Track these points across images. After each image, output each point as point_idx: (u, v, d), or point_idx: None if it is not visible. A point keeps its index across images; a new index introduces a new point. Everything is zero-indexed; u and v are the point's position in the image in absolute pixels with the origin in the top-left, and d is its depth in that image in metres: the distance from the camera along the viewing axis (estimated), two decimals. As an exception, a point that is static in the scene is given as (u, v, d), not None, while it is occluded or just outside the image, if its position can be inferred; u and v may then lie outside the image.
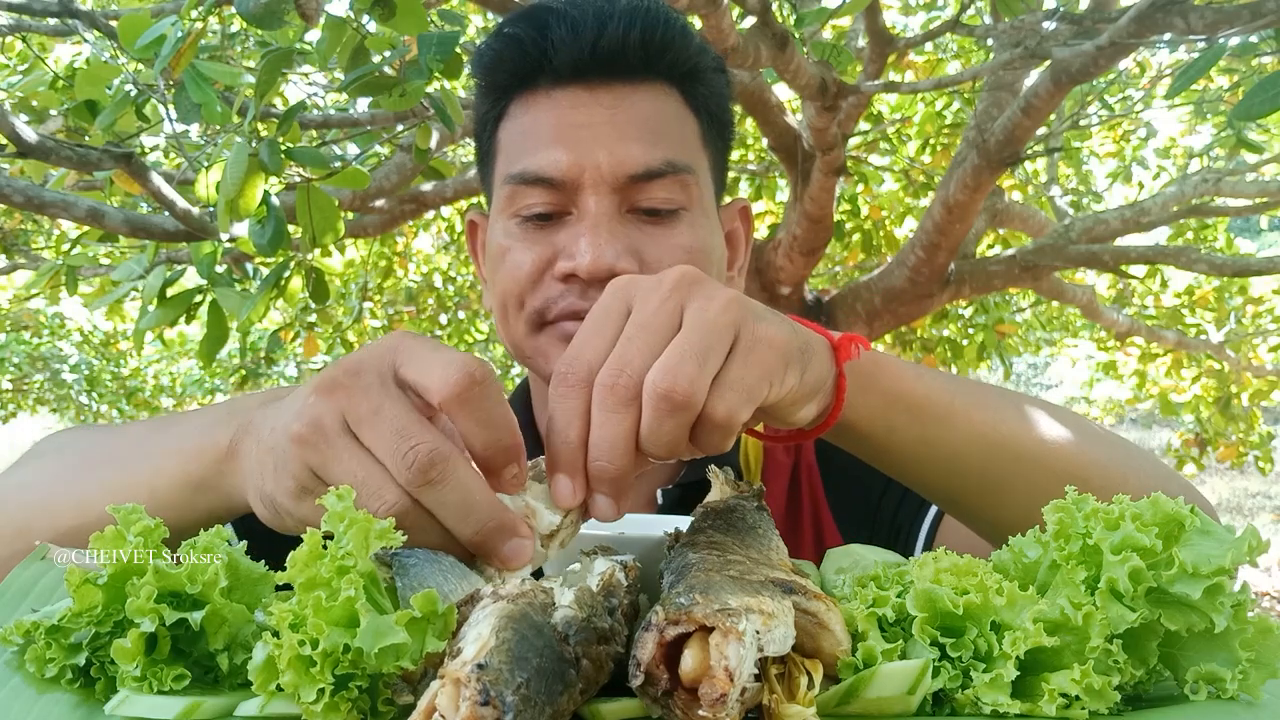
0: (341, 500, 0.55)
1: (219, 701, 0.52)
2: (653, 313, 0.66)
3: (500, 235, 1.04)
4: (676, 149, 1.02)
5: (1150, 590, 0.53)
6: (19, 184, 2.39)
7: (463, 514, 0.60)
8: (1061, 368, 14.82)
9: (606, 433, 0.63)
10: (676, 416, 0.63)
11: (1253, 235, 15.53)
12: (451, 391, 0.60)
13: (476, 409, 0.61)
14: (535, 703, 0.44)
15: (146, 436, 0.85)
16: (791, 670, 0.51)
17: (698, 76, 1.06)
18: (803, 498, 1.16)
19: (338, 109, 3.96)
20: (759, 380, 0.66)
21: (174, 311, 2.36)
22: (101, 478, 0.83)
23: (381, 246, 6.09)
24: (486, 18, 5.11)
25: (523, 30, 1.02)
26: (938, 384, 0.84)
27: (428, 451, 0.59)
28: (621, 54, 1.00)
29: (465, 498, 0.60)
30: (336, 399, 0.62)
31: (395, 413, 0.60)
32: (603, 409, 0.63)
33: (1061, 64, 2.77)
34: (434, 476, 0.59)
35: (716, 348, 0.65)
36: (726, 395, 0.64)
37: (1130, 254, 4.25)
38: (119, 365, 9.12)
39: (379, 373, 0.63)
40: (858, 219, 5.24)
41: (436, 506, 0.60)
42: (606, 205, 0.98)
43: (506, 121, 1.06)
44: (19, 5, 2.54)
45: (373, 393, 0.61)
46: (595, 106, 1.00)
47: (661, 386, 0.62)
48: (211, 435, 0.75)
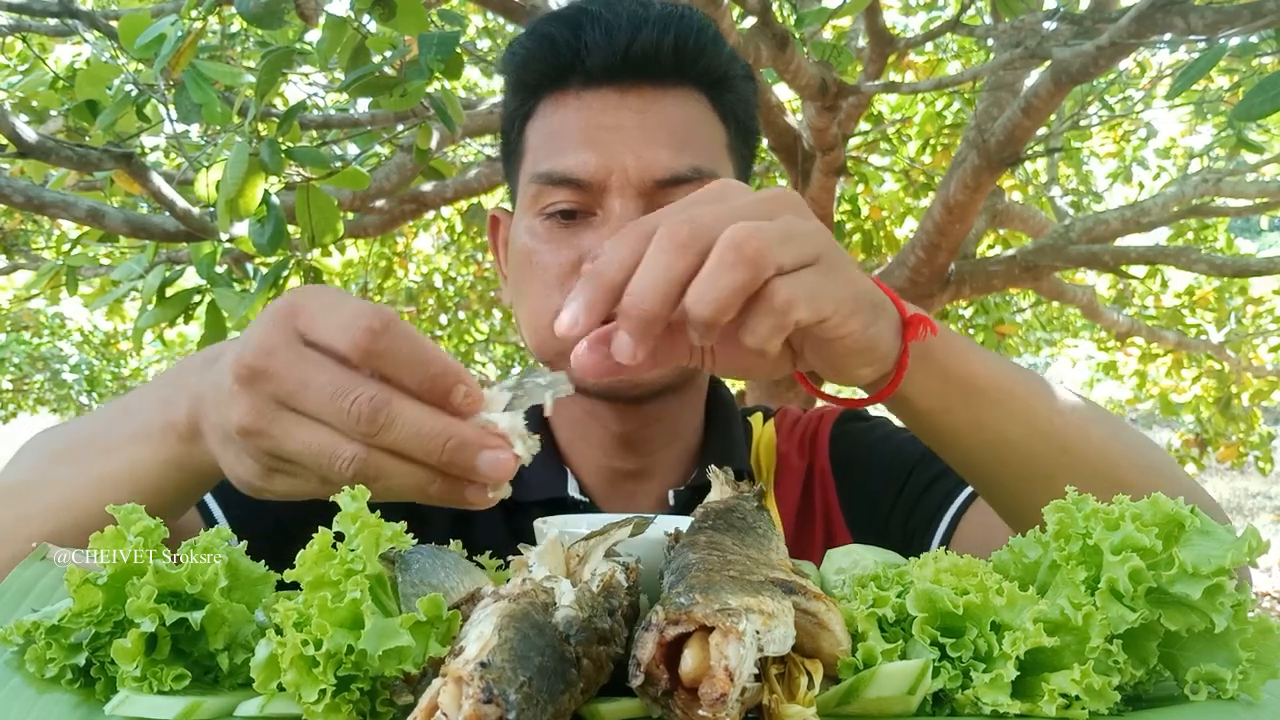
0: (355, 500, 0.55)
1: (219, 701, 0.52)
2: (745, 204, 0.64)
3: (525, 234, 1.04)
4: (703, 155, 1.02)
5: (1150, 590, 0.53)
6: (19, 184, 2.39)
7: (421, 444, 0.60)
8: (1062, 368, 14.82)
9: (653, 267, 0.60)
10: (738, 271, 0.60)
11: (1253, 235, 15.54)
12: (360, 349, 0.60)
13: (391, 356, 0.60)
14: (538, 701, 0.44)
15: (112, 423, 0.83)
16: (791, 670, 0.51)
17: (727, 84, 1.06)
18: (815, 502, 1.16)
19: (338, 109, 3.96)
20: (825, 297, 0.64)
21: (172, 311, 2.37)
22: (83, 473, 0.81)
23: (381, 246, 6.10)
24: (486, 18, 5.11)
25: (557, 30, 1.02)
26: (998, 369, 0.83)
27: (367, 401, 0.59)
28: (654, 58, 1.00)
29: (418, 429, 0.60)
30: (260, 386, 0.62)
31: (322, 378, 0.60)
32: (657, 248, 0.61)
33: (1061, 64, 2.76)
34: (382, 420, 0.59)
35: (798, 245, 0.63)
36: (791, 285, 0.62)
37: (1130, 254, 4.25)
38: (119, 365, 9.13)
39: (288, 344, 0.62)
40: (858, 219, 5.24)
41: (396, 446, 0.60)
42: (632, 208, 0.98)
43: (535, 120, 1.06)
44: (19, 5, 2.54)
45: (293, 367, 0.61)
46: (625, 110, 1.01)
47: (736, 238, 0.60)
48: (166, 414, 0.74)
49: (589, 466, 1.13)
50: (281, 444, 0.62)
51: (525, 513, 0.93)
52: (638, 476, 1.13)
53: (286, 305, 0.63)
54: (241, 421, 0.62)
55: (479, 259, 6.62)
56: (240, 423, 0.62)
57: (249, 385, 0.62)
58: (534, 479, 1.10)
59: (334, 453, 0.60)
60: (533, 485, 1.09)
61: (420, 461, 0.60)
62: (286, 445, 0.61)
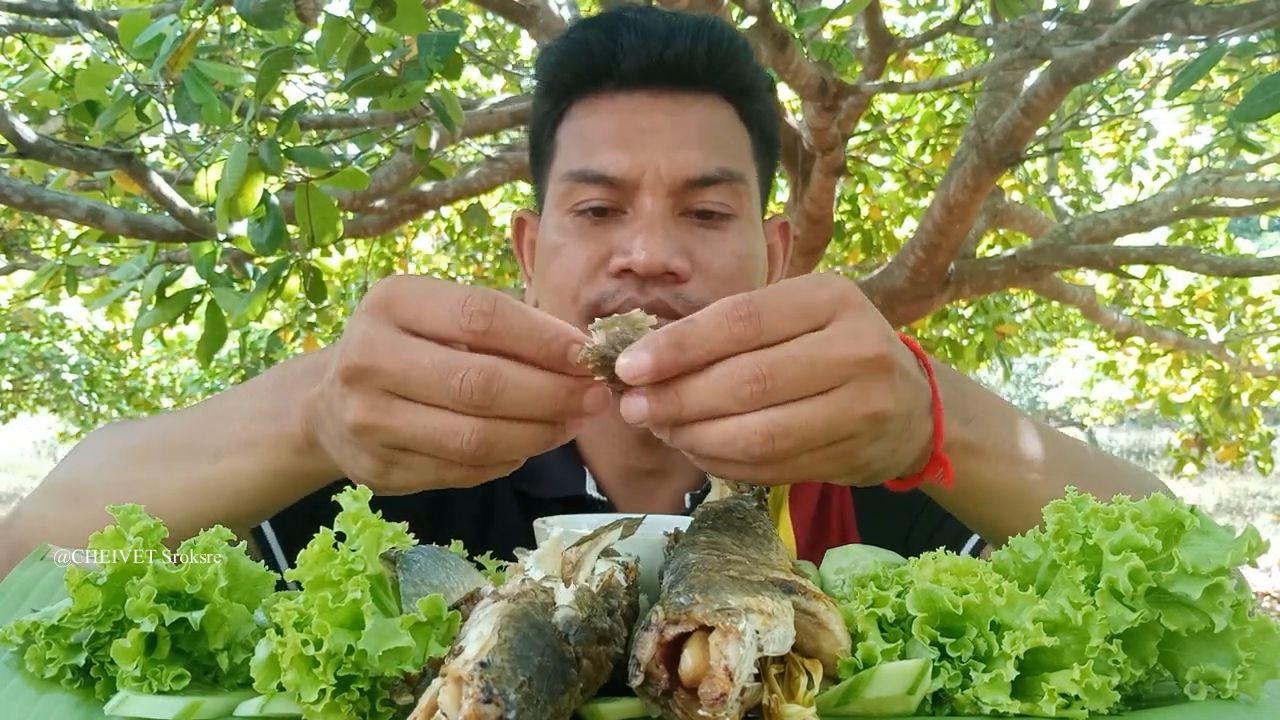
0: (356, 501, 0.55)
1: (219, 701, 0.52)
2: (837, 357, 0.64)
3: (553, 231, 1.06)
4: (731, 158, 1.05)
5: (1150, 590, 0.53)
6: (19, 184, 2.39)
7: (537, 403, 0.63)
8: (1061, 368, 14.82)
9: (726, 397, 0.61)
10: (821, 458, 0.64)
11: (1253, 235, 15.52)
12: (475, 333, 0.62)
13: (505, 333, 0.62)
14: (537, 701, 0.44)
15: (202, 430, 0.84)
16: (791, 670, 0.51)
17: (753, 93, 1.09)
18: (831, 519, 1.16)
19: (338, 109, 3.96)
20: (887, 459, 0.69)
21: (172, 311, 2.37)
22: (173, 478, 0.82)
23: (381, 246, 6.09)
24: (486, 18, 5.11)
25: (592, 35, 1.05)
26: (1015, 473, 0.83)
27: (476, 374, 0.61)
28: (687, 64, 1.04)
29: (529, 390, 0.63)
30: (368, 381, 0.64)
31: (427, 360, 0.62)
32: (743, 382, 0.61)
33: (1061, 64, 2.76)
34: (494, 389, 0.61)
35: (882, 437, 0.67)
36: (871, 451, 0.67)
37: (1130, 254, 4.25)
38: (119, 365, 9.11)
39: (386, 335, 0.64)
40: (858, 219, 5.24)
41: (512, 412, 0.63)
42: (662, 207, 1.01)
43: (567, 122, 1.08)
44: (19, 5, 2.54)
45: (396, 356, 0.63)
46: (657, 112, 1.04)
47: (841, 430, 0.63)
48: (279, 425, 0.77)
49: (607, 465, 1.14)
50: (399, 432, 0.64)
51: (544, 509, 0.94)
52: (656, 475, 1.13)
53: (381, 298, 0.65)
54: (356, 419, 0.64)
55: (479, 259, 6.62)
56: (355, 420, 0.65)
57: (356, 383, 0.64)
58: (552, 477, 1.11)
59: (455, 433, 0.62)
60: (551, 483, 1.12)
61: (535, 419, 0.64)
62: (404, 432, 0.64)
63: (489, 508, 1.13)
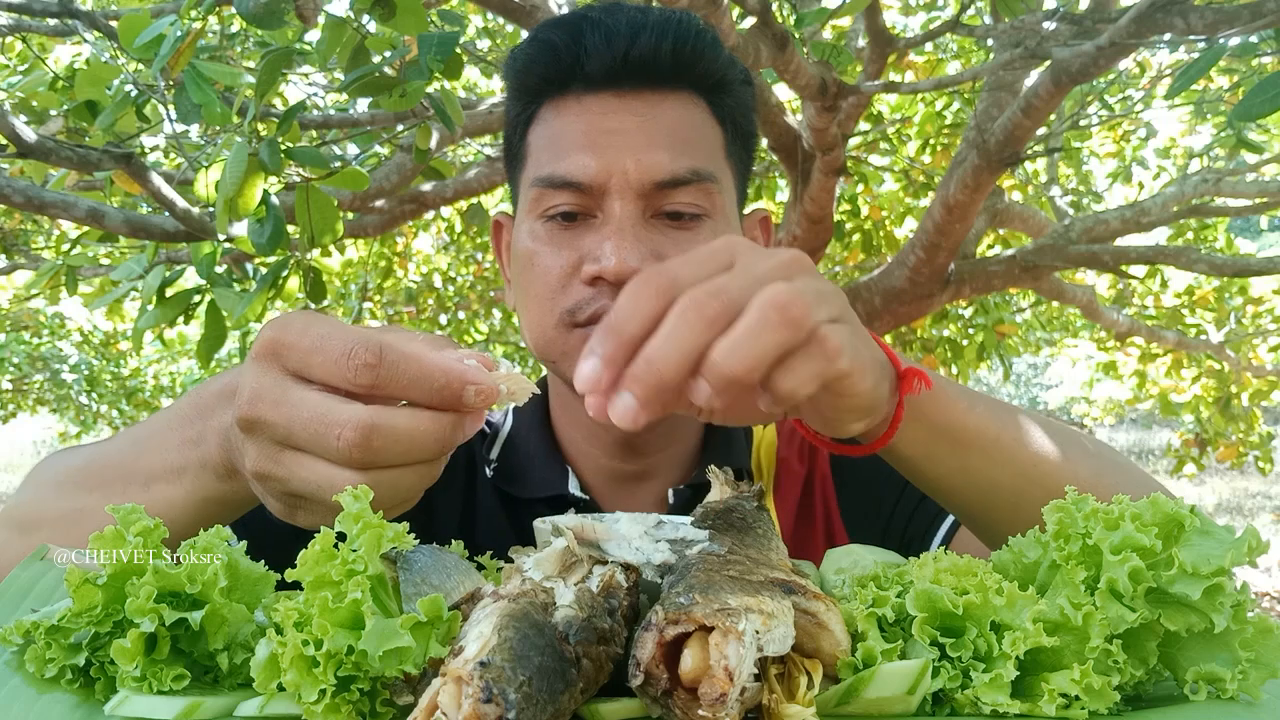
0: (357, 501, 0.55)
1: (219, 701, 0.52)
2: (766, 270, 0.63)
3: (526, 237, 1.05)
4: (702, 158, 1.03)
5: (1150, 590, 0.53)
6: (19, 184, 2.39)
7: (420, 451, 0.62)
8: (1061, 368, 14.83)
9: (678, 337, 0.59)
10: (781, 331, 0.59)
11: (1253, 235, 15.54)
12: (361, 386, 0.61)
13: (392, 383, 0.61)
14: (537, 701, 0.44)
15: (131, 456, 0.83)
16: (791, 670, 0.51)
17: (725, 88, 1.07)
18: (815, 507, 1.16)
19: (338, 109, 3.97)
20: (858, 354, 0.65)
21: (172, 311, 2.37)
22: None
23: (381, 247, 6.09)
24: (486, 18, 5.11)
25: (557, 36, 1.03)
26: (986, 417, 0.83)
27: (353, 431, 0.60)
28: (653, 63, 1.01)
29: (411, 441, 0.62)
30: (258, 433, 0.64)
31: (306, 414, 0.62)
32: (683, 319, 0.59)
33: (1061, 64, 2.76)
34: (375, 445, 0.61)
35: (830, 307, 0.63)
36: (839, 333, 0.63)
37: (1130, 254, 4.25)
38: (119, 365, 9.11)
39: (274, 384, 0.63)
40: (858, 219, 5.24)
41: (395, 460, 0.62)
42: (631, 210, 0.99)
43: (536, 125, 1.07)
44: (19, 5, 2.54)
45: (279, 409, 0.63)
46: (625, 114, 1.02)
47: (779, 299, 0.59)
48: (200, 452, 0.76)
49: (590, 466, 1.14)
50: (287, 482, 0.64)
51: (528, 509, 0.94)
52: (638, 477, 1.14)
53: (268, 345, 0.64)
54: (253, 467, 0.65)
55: (479, 259, 6.63)
56: (252, 469, 0.65)
57: (249, 433, 0.65)
58: (536, 477, 1.12)
59: (332, 484, 0.62)
60: (535, 483, 1.12)
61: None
62: (291, 483, 0.64)
63: (471, 509, 1.13)
